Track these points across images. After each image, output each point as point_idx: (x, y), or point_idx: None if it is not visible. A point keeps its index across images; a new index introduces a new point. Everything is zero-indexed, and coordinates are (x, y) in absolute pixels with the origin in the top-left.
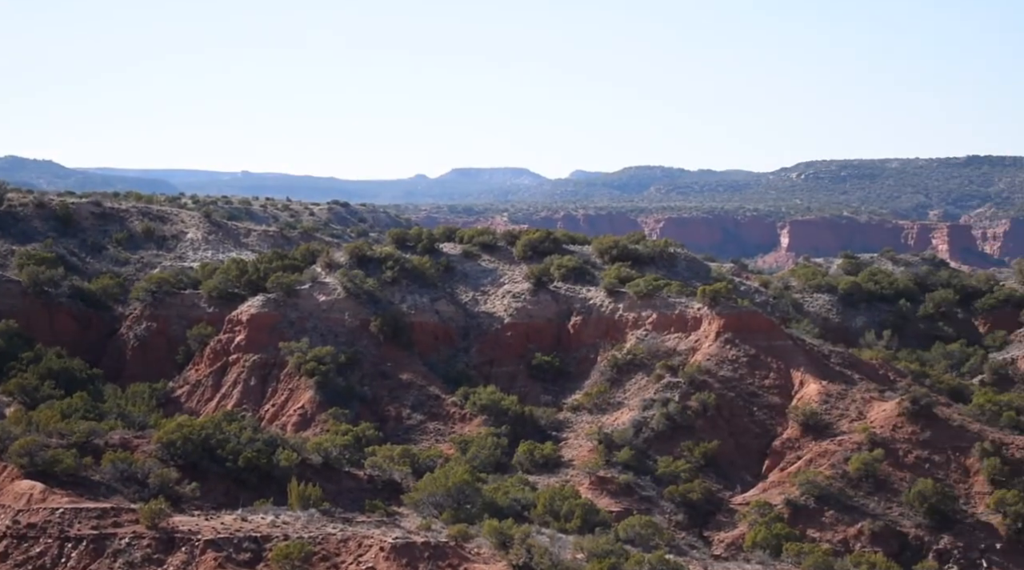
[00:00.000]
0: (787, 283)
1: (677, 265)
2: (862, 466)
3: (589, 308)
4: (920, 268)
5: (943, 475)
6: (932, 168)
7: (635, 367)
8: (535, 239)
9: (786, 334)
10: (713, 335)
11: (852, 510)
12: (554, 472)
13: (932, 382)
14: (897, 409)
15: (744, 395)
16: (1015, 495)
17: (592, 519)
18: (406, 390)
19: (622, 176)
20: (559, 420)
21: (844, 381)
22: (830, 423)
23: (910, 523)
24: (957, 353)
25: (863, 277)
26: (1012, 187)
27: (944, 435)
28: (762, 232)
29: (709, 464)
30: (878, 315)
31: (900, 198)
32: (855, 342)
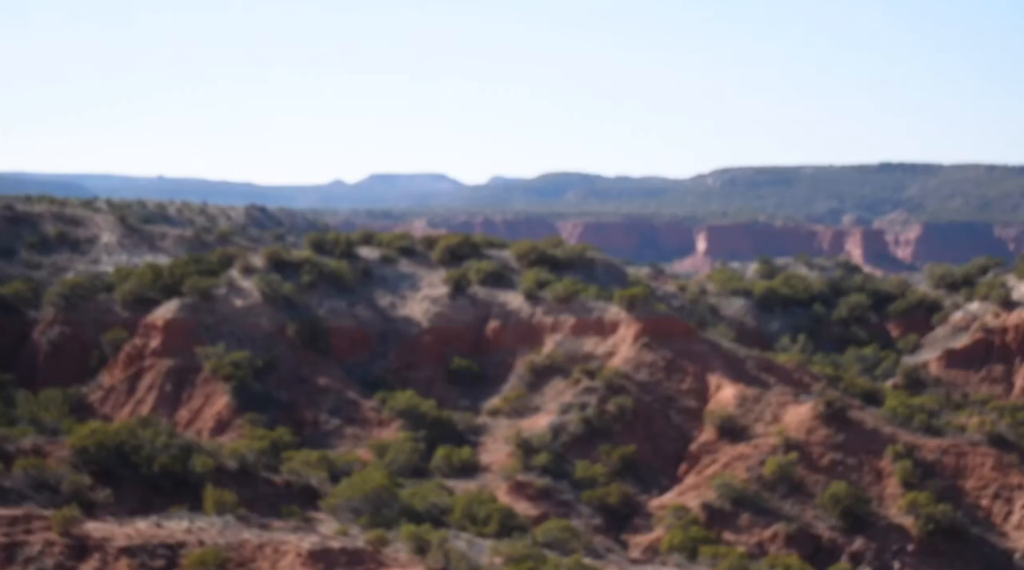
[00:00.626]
0: (704, 288)
1: (595, 270)
2: (777, 469)
3: (507, 313)
4: (834, 273)
5: (857, 478)
6: (846, 174)
7: (553, 371)
8: (453, 244)
9: (702, 338)
10: (630, 339)
11: (767, 513)
12: (472, 477)
13: (846, 385)
14: (811, 412)
15: (661, 399)
16: (927, 497)
17: (509, 523)
18: (323, 395)
19: (540, 181)
20: (477, 425)
21: (759, 385)
22: (746, 426)
23: (824, 525)
24: (870, 356)
25: (778, 282)
26: (924, 193)
27: (858, 438)
28: (679, 237)
29: (626, 468)
30: (793, 319)
31: (815, 204)
32: (770, 346)
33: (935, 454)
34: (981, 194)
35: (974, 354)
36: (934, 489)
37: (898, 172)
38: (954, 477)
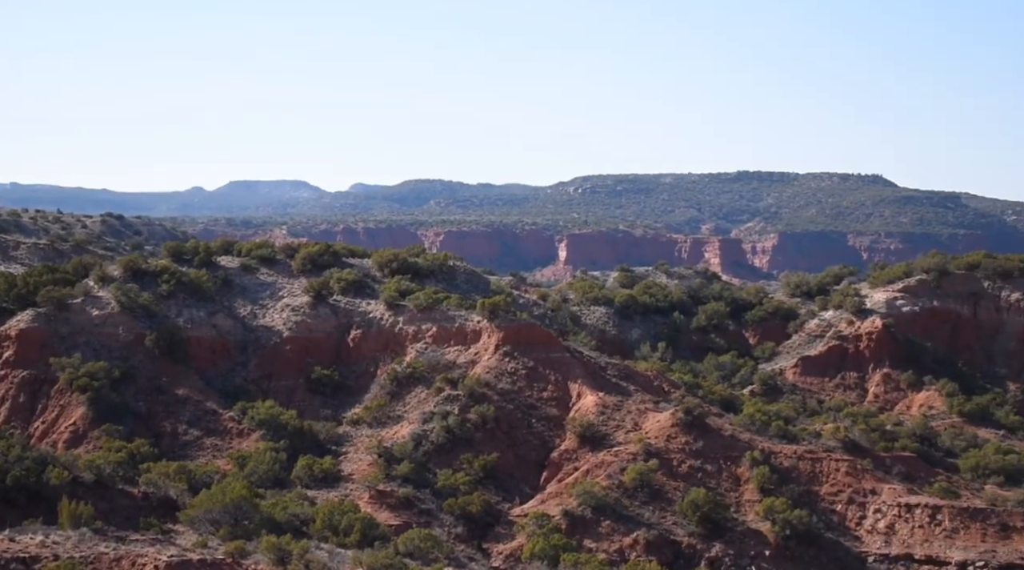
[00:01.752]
0: (565, 296)
1: (456, 278)
2: (637, 476)
3: (369, 321)
4: (693, 281)
5: (715, 484)
6: (704, 183)
7: (415, 380)
8: (314, 252)
9: (564, 346)
10: (492, 348)
11: (628, 520)
12: (333, 487)
13: (705, 393)
14: (671, 420)
15: (523, 407)
16: (783, 503)
17: (371, 533)
18: (182, 405)
19: (402, 189)
20: (339, 434)
21: (620, 393)
22: (607, 434)
23: (683, 532)
24: (728, 364)
25: (638, 290)
26: (780, 202)
27: (716, 445)
28: (541, 245)
29: (488, 476)
30: (653, 327)
31: (674, 212)
32: (631, 354)
33: (791, 460)
34: (835, 203)
35: (829, 361)
36: (790, 495)
37: (755, 181)
38: (809, 482)
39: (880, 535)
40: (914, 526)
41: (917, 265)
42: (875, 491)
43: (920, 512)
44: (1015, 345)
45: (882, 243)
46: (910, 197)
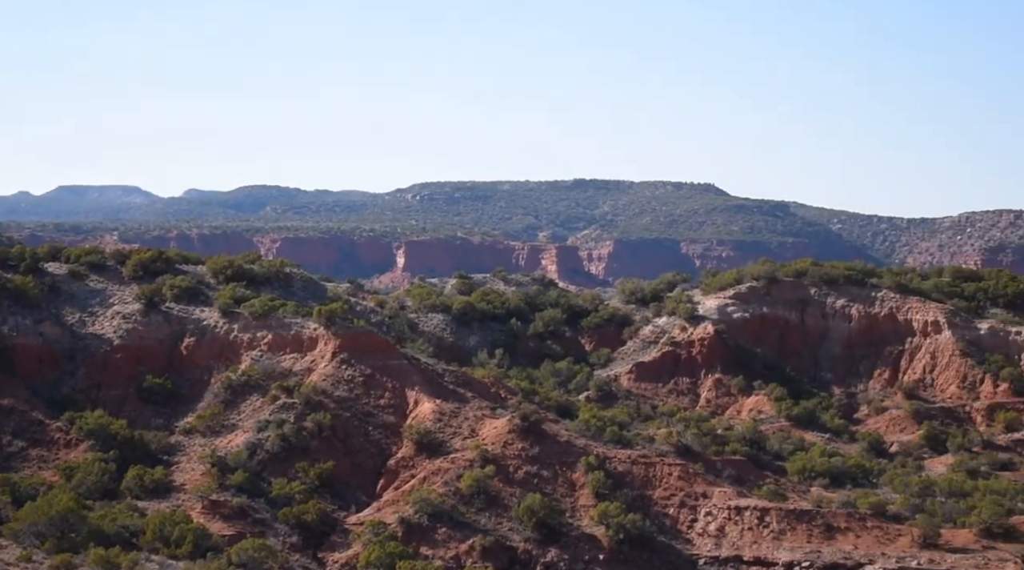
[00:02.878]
0: (403, 303)
1: (293, 285)
2: (474, 483)
3: (203, 329)
4: (530, 288)
5: (551, 489)
6: (542, 190)
7: (250, 388)
8: (146, 258)
9: (401, 354)
10: (329, 355)
11: (464, 526)
12: (165, 497)
13: (541, 399)
14: (508, 426)
15: (360, 415)
16: (617, 507)
17: (204, 544)
18: (7, 416)
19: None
20: (171, 444)
21: (457, 399)
22: (444, 441)
23: (519, 537)
24: (565, 370)
25: (476, 297)
26: (615, 210)
27: (552, 450)
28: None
29: (324, 485)
30: (491, 334)
31: (512, 219)
32: (468, 361)
33: (625, 465)
34: (669, 211)
35: (662, 367)
36: (624, 499)
37: (591, 189)
38: (643, 487)
39: (711, 537)
40: (743, 528)
41: (747, 272)
42: (706, 494)
43: (749, 514)
44: (840, 350)
45: (714, 250)
46: (741, 206)
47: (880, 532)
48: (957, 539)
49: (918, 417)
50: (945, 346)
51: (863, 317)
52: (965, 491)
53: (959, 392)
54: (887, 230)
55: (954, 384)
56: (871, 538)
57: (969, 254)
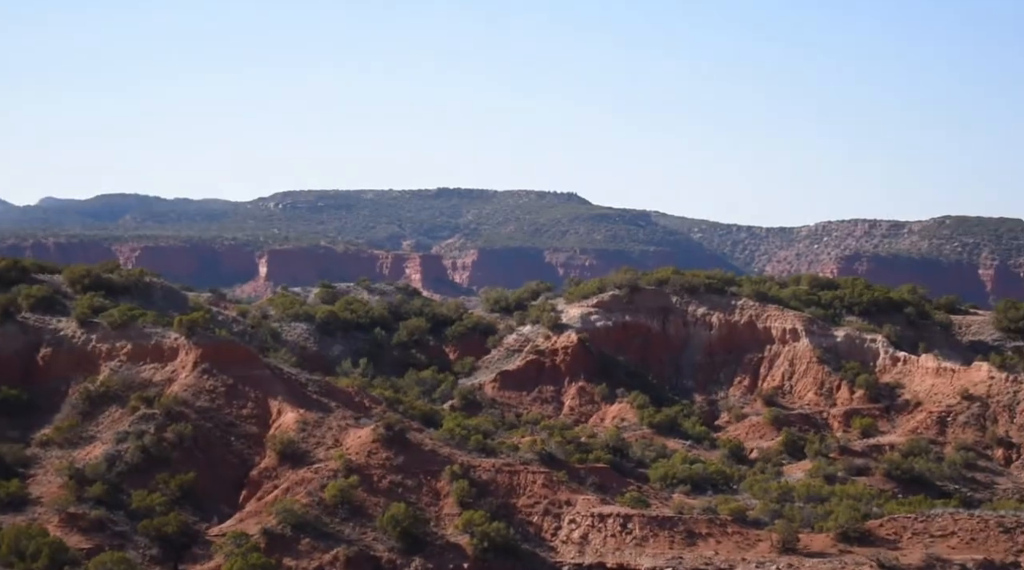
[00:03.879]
0: (265, 312)
1: (153, 295)
2: (338, 493)
3: (60, 339)
4: (394, 297)
5: (415, 499)
6: (405, 199)
7: (109, 399)
8: (1, 268)
9: (264, 363)
10: (190, 365)
11: (328, 537)
12: (21, 510)
13: (405, 408)
14: (372, 436)
15: (222, 425)
16: (481, 516)
17: (61, 558)
18: None
19: (95, 203)
20: (27, 456)
21: (321, 409)
22: (307, 451)
23: (383, 547)
24: (429, 379)
25: (340, 306)
26: (479, 219)
27: (416, 460)
28: (240, 261)
29: (185, 496)
30: (355, 343)
31: (376, 228)
32: (332, 370)
33: (490, 474)
34: (532, 220)
35: (526, 375)
36: (488, 507)
37: (455, 197)
38: (507, 495)
39: (574, 545)
40: (606, 535)
41: (610, 281)
42: (570, 502)
43: (612, 521)
44: (701, 358)
45: (577, 259)
46: (604, 215)
47: (740, 538)
48: (815, 544)
49: (777, 424)
50: (803, 353)
51: (723, 325)
52: (822, 496)
53: (816, 399)
54: (746, 239)
55: (812, 391)
56: (731, 544)
57: (826, 263)
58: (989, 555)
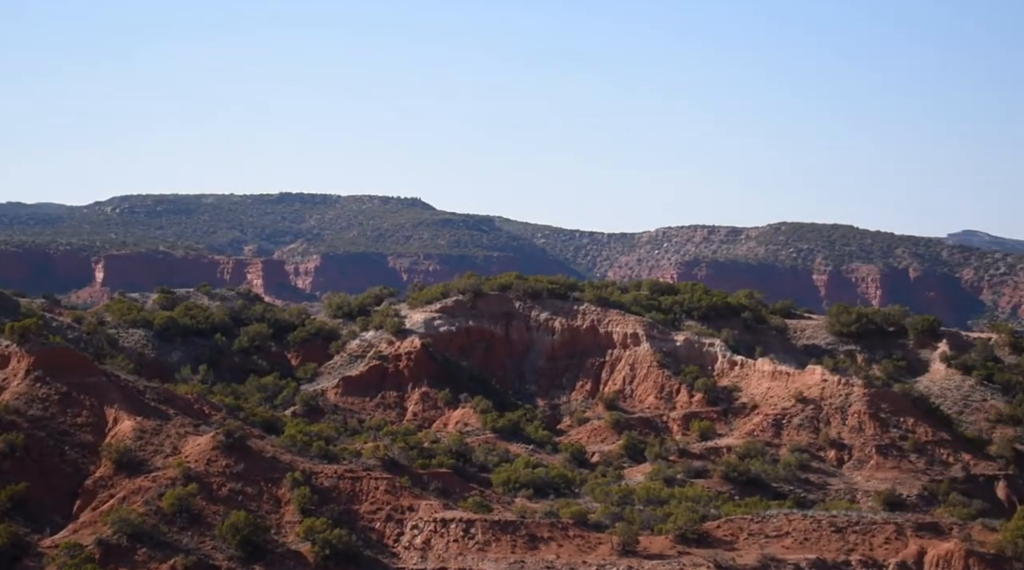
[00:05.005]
0: (101, 318)
1: None
2: (176, 501)
3: None
4: (236, 303)
5: (256, 506)
6: (247, 204)
7: None
8: None
9: (100, 370)
10: (22, 373)
11: (165, 546)
12: None
13: (246, 415)
14: (211, 443)
15: (55, 434)
16: (323, 523)
17: None
18: None
19: None
20: None
21: (159, 416)
22: (144, 459)
23: (223, 556)
24: (271, 386)
25: (179, 312)
26: (322, 224)
27: (257, 467)
28: (76, 267)
29: (16, 507)
30: (194, 349)
31: (216, 233)
32: (171, 377)
33: (332, 480)
34: (376, 225)
35: (369, 381)
36: (330, 514)
37: (297, 202)
38: (349, 502)
39: (417, 551)
40: (449, 540)
41: (454, 286)
42: (413, 508)
43: (455, 527)
44: (544, 363)
45: (421, 264)
46: (447, 220)
47: (581, 541)
48: (654, 546)
49: (618, 427)
50: (643, 358)
51: (566, 330)
52: (662, 499)
53: (657, 402)
54: (589, 244)
55: (652, 394)
56: (573, 547)
57: (666, 268)
58: (822, 554)
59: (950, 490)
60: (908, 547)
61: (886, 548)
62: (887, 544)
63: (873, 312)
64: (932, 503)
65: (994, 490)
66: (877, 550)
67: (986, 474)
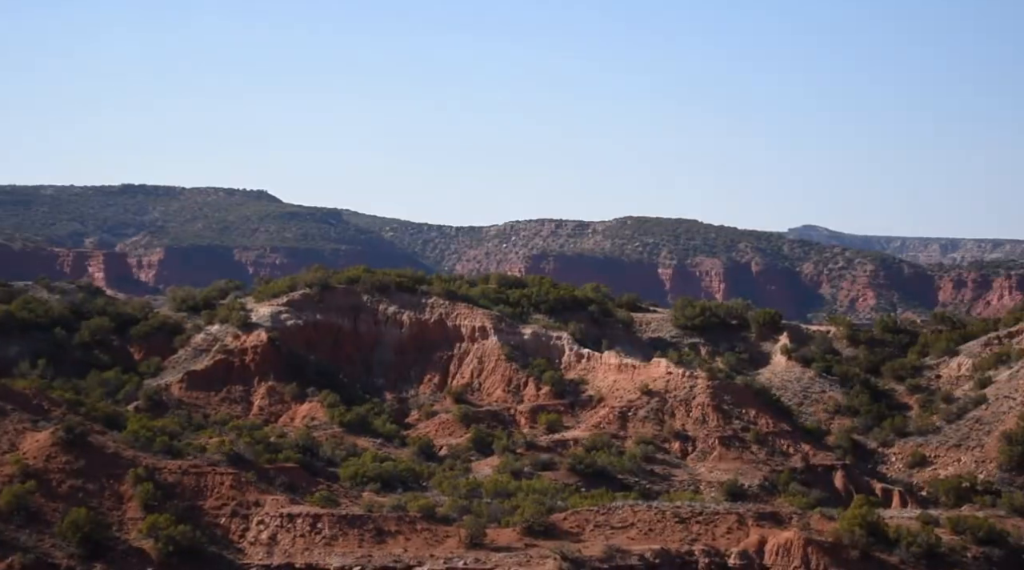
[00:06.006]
0: None
1: None
2: (13, 499)
3: None
4: (76, 296)
5: (97, 503)
6: (88, 195)
7: None
8: None
9: None
10: None
11: (2, 545)
12: None
13: (87, 410)
14: (51, 439)
15: None
16: (166, 519)
17: None
18: None
19: None
20: None
21: None
22: None
23: (62, 554)
24: (113, 380)
25: (16, 305)
26: (166, 216)
27: (99, 463)
28: None
29: None
30: (33, 344)
31: (56, 225)
32: (9, 372)
33: (176, 475)
34: (221, 218)
35: (215, 375)
36: (174, 510)
37: (140, 194)
38: (194, 497)
39: (263, 546)
40: (296, 535)
41: (301, 279)
42: (259, 503)
43: (301, 521)
44: (392, 357)
45: (268, 258)
46: (295, 213)
47: (429, 534)
48: (501, 538)
49: (466, 421)
50: (491, 351)
51: (414, 323)
52: (509, 491)
53: (504, 395)
54: (437, 238)
55: (500, 388)
56: (420, 540)
57: (514, 262)
58: (666, 545)
59: (790, 480)
60: (749, 536)
61: (728, 538)
62: (729, 534)
63: (716, 305)
64: (773, 493)
65: (832, 480)
66: (719, 540)
67: (824, 464)
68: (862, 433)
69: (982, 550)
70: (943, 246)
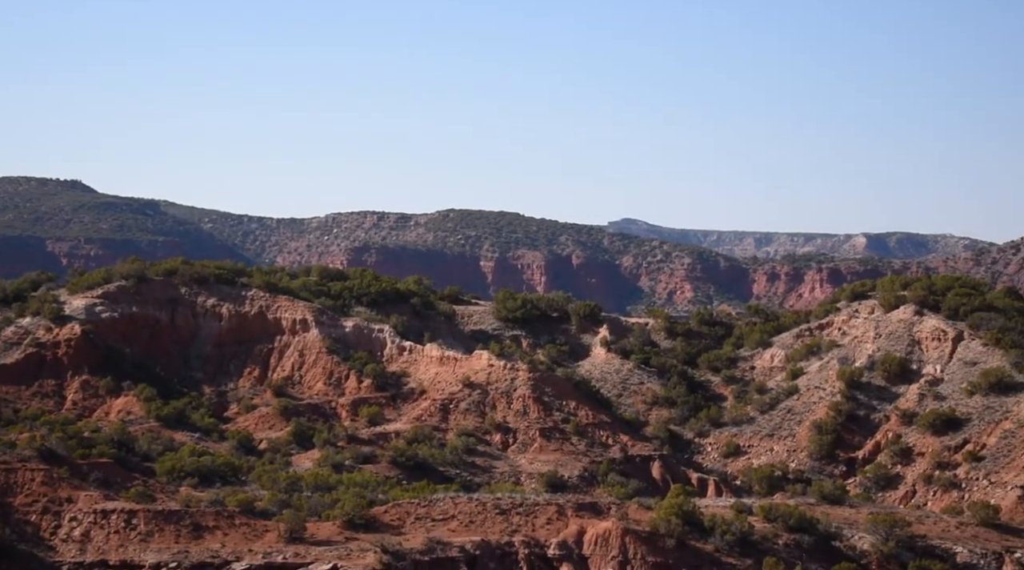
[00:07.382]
0: None
1: None
2: None
3: None
4: None
5: None
6: None
7: None
8: None
9: None
10: None
11: None
12: None
13: None
14: None
15: None
16: None
17: None
18: None
19: None
20: None
21: None
22: None
23: None
24: None
25: None
26: None
27: None
28: None
29: None
30: None
31: None
32: None
33: None
34: (33, 208)
35: (26, 369)
36: None
37: None
38: (3, 495)
39: (75, 543)
40: (110, 532)
41: (117, 271)
42: (71, 499)
43: (116, 518)
44: (211, 349)
45: (82, 249)
46: (110, 203)
47: (248, 529)
48: (321, 532)
49: (287, 414)
50: (313, 344)
51: (233, 316)
52: (330, 485)
53: (326, 388)
54: (257, 230)
55: (321, 381)
56: (239, 535)
57: (336, 254)
58: (486, 536)
59: (609, 470)
60: (569, 527)
61: (548, 528)
62: (549, 524)
63: (538, 298)
64: (592, 483)
65: (650, 470)
66: (539, 530)
67: (642, 455)
68: (679, 424)
69: (793, 537)
70: (758, 240)
